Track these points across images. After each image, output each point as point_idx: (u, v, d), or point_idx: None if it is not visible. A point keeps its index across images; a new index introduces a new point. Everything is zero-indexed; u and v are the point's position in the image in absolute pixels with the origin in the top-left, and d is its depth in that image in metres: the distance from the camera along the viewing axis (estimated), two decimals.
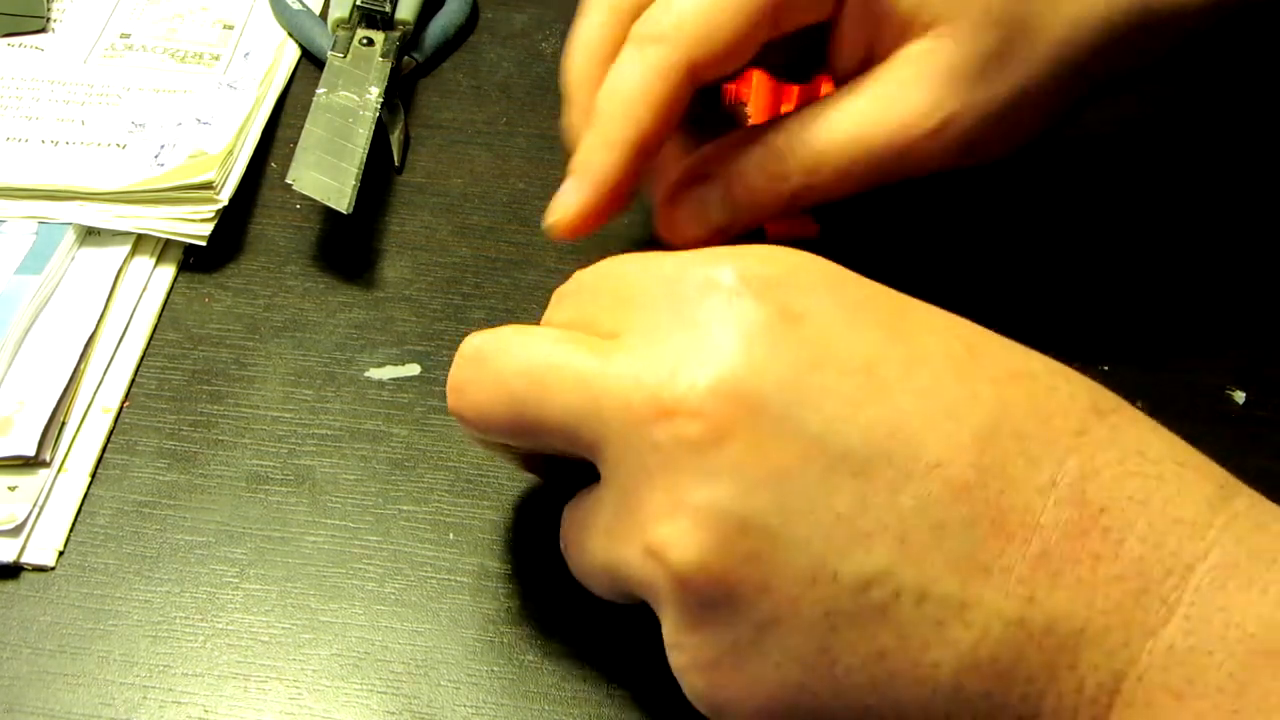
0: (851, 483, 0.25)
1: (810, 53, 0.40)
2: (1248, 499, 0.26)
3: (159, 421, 0.40)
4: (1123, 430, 0.26)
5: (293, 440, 0.40)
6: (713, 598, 0.26)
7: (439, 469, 0.39)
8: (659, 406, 0.26)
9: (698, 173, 0.38)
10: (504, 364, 0.29)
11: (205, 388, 0.41)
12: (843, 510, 0.25)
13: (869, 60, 0.38)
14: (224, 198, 0.45)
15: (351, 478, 0.39)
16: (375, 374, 0.42)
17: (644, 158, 0.36)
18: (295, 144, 0.46)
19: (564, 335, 0.29)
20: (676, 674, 0.28)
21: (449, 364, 0.42)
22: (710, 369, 0.26)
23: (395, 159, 0.51)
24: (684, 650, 0.27)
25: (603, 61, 0.37)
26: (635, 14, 0.37)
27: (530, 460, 0.35)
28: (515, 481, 0.39)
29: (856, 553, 0.25)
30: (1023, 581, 0.25)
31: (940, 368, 0.27)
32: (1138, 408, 0.28)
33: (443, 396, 0.41)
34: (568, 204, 0.36)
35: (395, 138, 0.51)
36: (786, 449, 0.25)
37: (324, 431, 0.40)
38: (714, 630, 0.26)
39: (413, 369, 0.42)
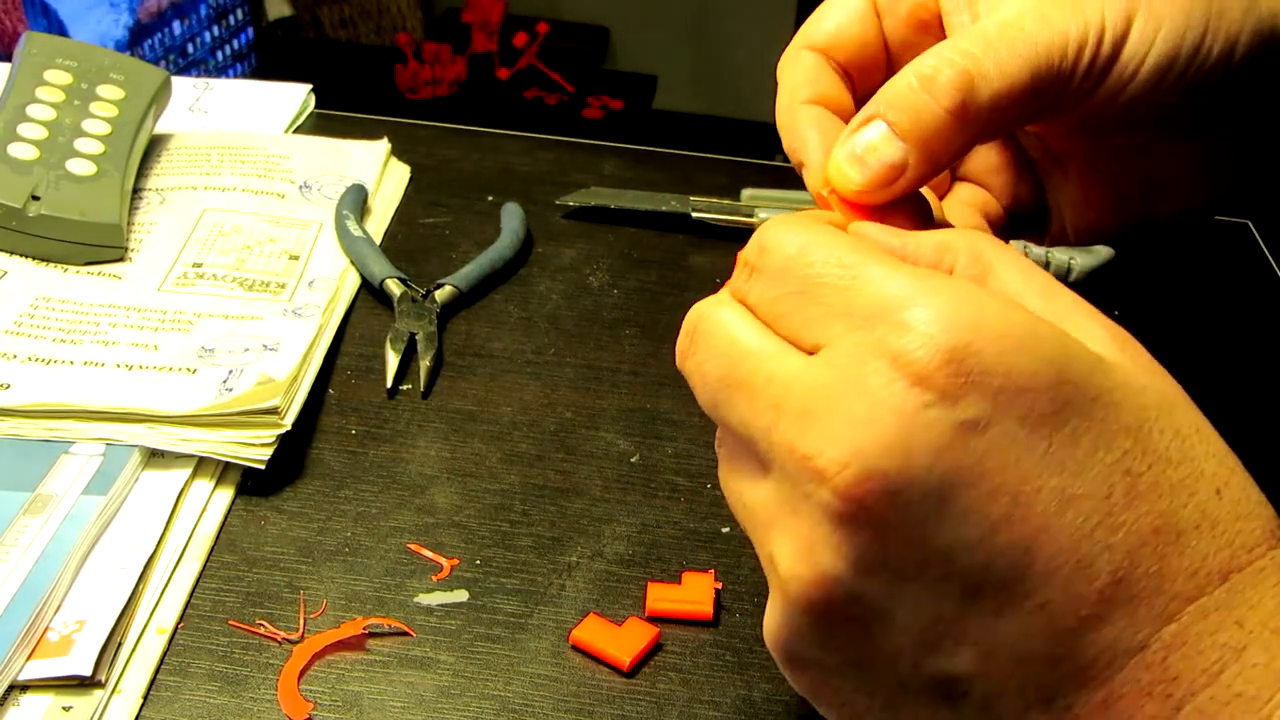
0: (959, 597, 0.27)
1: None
2: None
3: (212, 643, 0.41)
4: (1232, 595, 0.27)
5: (342, 665, 0.40)
6: (825, 619, 0.29)
7: (485, 698, 0.40)
8: (815, 470, 0.27)
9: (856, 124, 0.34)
10: (708, 349, 0.31)
11: (259, 610, 0.42)
12: (944, 614, 0.27)
13: None
14: (287, 423, 0.47)
15: (399, 704, 0.39)
16: (424, 600, 0.43)
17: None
18: (354, 372, 0.48)
19: (757, 338, 0.30)
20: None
21: (496, 591, 0.44)
22: (866, 458, 0.27)
23: (421, 385, 0.53)
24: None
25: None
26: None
27: None
28: (561, 712, 0.39)
29: (941, 654, 0.28)
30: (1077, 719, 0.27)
31: (1088, 510, 0.27)
32: None
33: (490, 624, 0.42)
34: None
35: (425, 365, 0.54)
36: (910, 552, 0.27)
37: (373, 657, 0.41)
38: (818, 641, 0.29)
39: (460, 595, 0.43)
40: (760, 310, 0.30)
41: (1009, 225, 0.42)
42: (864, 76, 0.37)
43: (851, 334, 0.28)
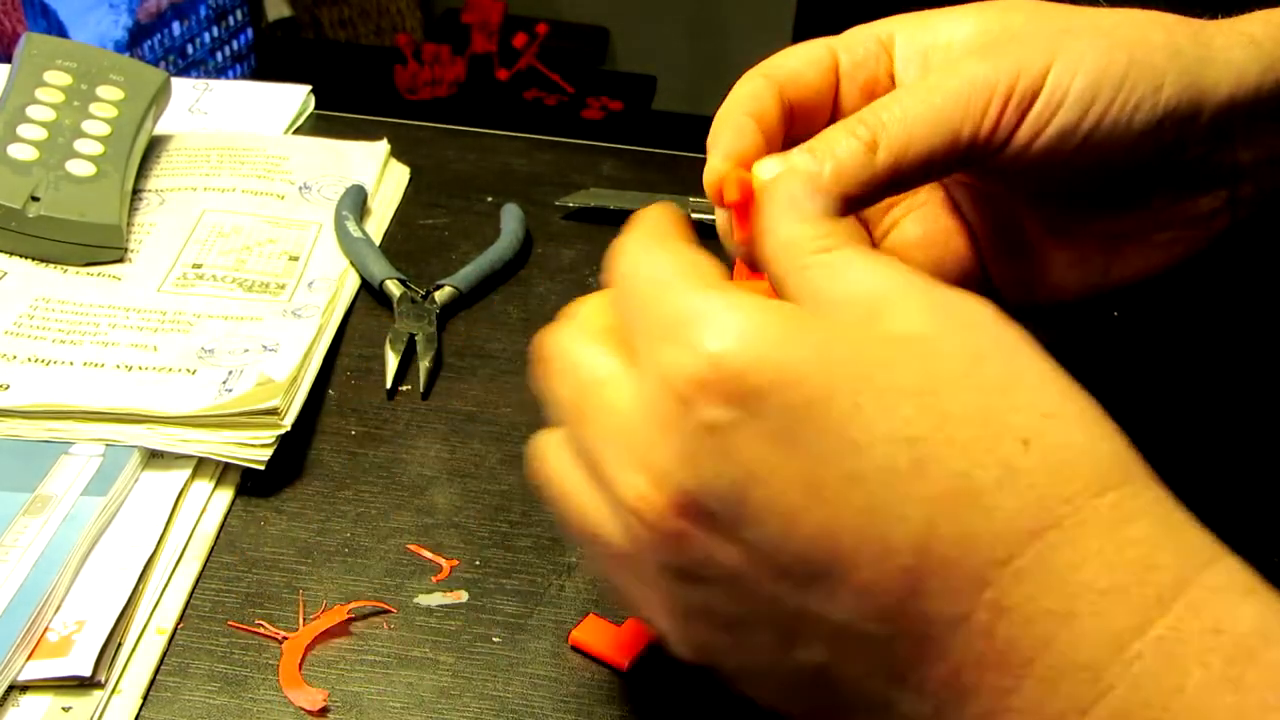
0: (793, 591, 0.28)
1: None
2: (1171, 621, 0.26)
3: (211, 644, 0.41)
4: (1050, 555, 0.26)
5: (341, 666, 0.40)
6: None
7: (484, 698, 0.40)
8: (631, 505, 0.29)
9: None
10: (560, 375, 0.33)
11: (258, 611, 0.42)
12: (787, 610, 0.28)
13: None
14: (287, 423, 0.47)
15: (398, 705, 0.39)
16: (424, 600, 0.43)
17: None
18: (353, 373, 0.48)
19: (596, 365, 0.31)
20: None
21: (496, 591, 0.44)
22: (661, 479, 0.29)
23: (421, 386, 0.53)
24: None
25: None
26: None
27: None
28: (560, 713, 0.39)
29: (799, 648, 0.29)
30: (934, 695, 0.28)
31: (874, 485, 0.27)
32: None
33: (489, 624, 0.42)
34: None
35: (425, 366, 0.54)
36: (732, 556, 0.28)
37: (373, 658, 0.41)
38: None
39: (460, 596, 0.43)
40: (608, 327, 0.32)
41: None
42: (804, 121, 0.39)
43: (648, 353, 0.30)
